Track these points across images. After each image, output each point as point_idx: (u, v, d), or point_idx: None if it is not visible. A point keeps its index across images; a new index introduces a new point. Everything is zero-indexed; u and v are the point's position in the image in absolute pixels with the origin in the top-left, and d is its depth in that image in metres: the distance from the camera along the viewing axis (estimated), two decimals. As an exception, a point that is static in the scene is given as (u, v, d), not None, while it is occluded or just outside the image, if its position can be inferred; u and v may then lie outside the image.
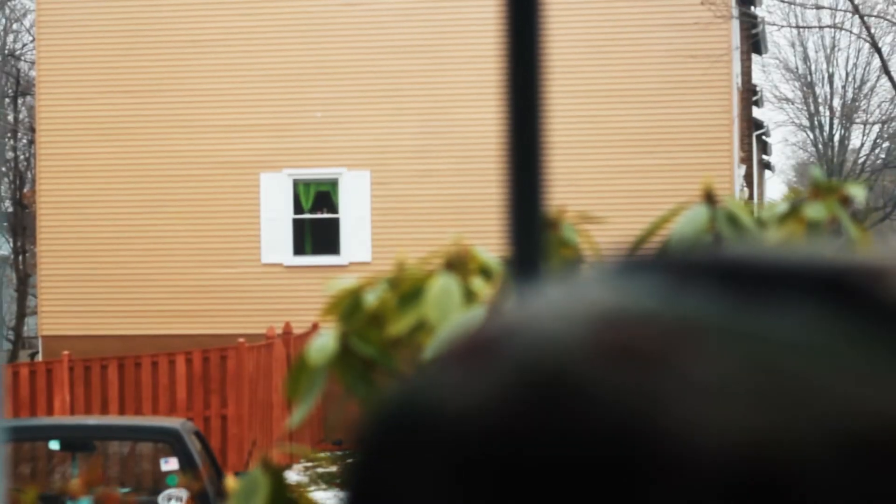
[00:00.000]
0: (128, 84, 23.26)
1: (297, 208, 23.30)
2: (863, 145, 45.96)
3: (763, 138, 38.38)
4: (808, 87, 46.21)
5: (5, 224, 34.27)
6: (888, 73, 27.12)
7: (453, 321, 2.11)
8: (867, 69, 44.05)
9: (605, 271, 0.49)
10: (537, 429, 0.44)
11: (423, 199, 22.54)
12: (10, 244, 34.71)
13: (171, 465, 11.34)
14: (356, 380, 2.18)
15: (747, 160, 29.81)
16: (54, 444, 11.79)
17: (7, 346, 31.93)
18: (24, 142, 35.15)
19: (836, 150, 45.26)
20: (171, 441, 11.41)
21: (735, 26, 23.87)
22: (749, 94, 31.36)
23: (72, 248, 23.27)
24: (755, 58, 34.97)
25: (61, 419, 14.56)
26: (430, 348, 2.11)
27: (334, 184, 23.18)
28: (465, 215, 21.54)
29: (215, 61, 23.11)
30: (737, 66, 24.16)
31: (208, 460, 11.63)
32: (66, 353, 17.93)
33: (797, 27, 37.53)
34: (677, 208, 2.28)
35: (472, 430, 0.45)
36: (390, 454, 0.47)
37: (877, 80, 43.46)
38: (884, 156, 45.17)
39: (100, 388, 17.63)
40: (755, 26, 29.82)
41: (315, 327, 17.64)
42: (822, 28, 37.94)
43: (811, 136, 47.25)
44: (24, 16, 35.66)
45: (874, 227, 40.88)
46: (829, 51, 45.48)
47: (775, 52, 50.67)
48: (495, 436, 0.45)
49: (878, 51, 28.43)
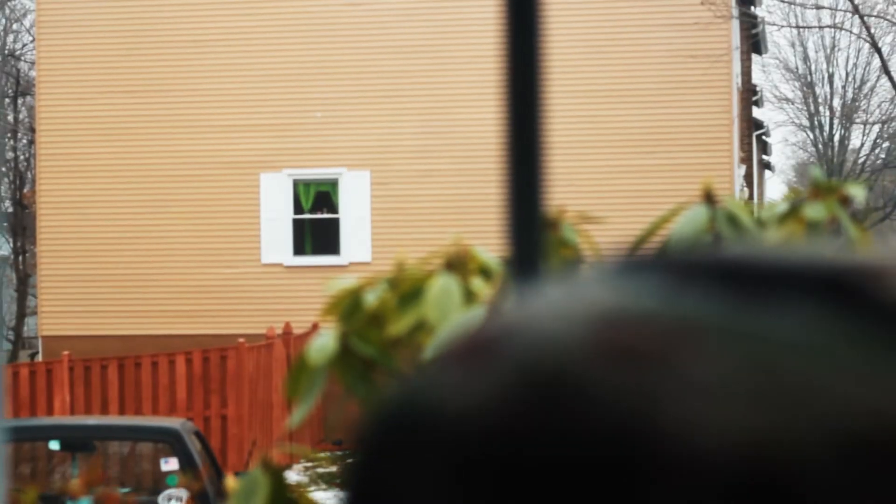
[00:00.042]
0: (128, 84, 23.26)
1: (297, 208, 23.30)
2: (863, 145, 45.97)
3: (763, 138, 38.38)
4: (808, 87, 46.22)
5: (5, 224, 34.27)
6: (888, 73, 27.12)
7: (453, 321, 2.11)
8: (867, 69, 44.07)
9: (605, 271, 0.49)
10: (537, 429, 0.44)
11: (423, 200, 22.54)
12: (10, 244, 34.70)
13: (171, 465, 11.34)
14: (356, 380, 2.18)
15: (747, 160, 29.80)
16: (54, 445, 11.79)
17: (7, 346, 31.92)
18: (24, 142, 35.16)
19: (836, 150, 45.26)
20: (171, 441, 11.41)
21: (735, 26, 23.87)
22: (749, 94, 31.36)
23: (72, 249, 23.27)
24: (755, 58, 34.97)
25: (61, 419, 14.56)
26: (430, 348, 2.11)
27: (334, 184, 23.19)
28: (465, 215, 21.54)
29: (215, 61, 23.11)
30: (737, 66, 24.16)
31: (208, 460, 11.63)
32: (66, 353, 17.92)
33: (797, 27, 37.54)
34: (677, 208, 2.29)
35: (472, 430, 0.45)
36: (390, 454, 0.47)
37: (877, 80, 43.47)
38: (884, 156, 45.17)
39: (100, 388, 17.63)
40: (755, 26, 29.82)
41: (315, 327, 17.64)
42: (822, 28, 37.95)
43: (811, 136, 47.27)
44: (24, 16, 35.67)
45: (874, 227, 40.87)
46: (829, 51, 45.50)
47: (775, 52, 50.69)
48: (495, 436, 0.45)
49: (878, 51, 28.44)
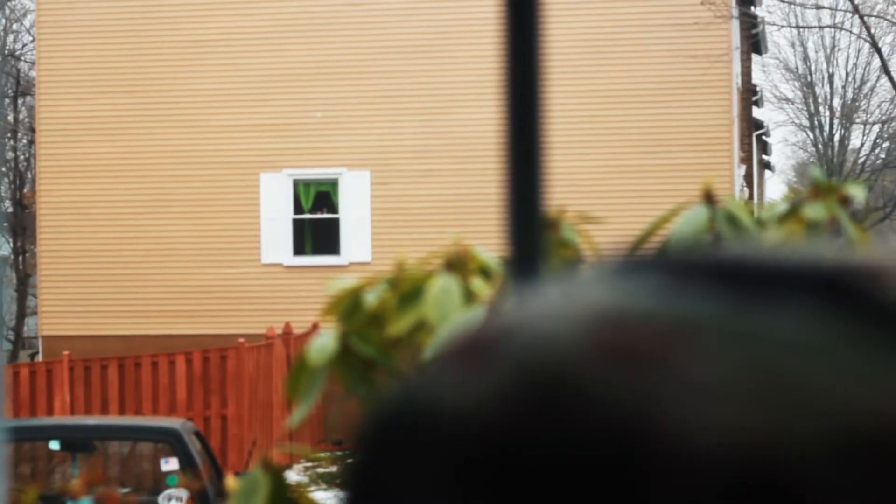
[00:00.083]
0: (128, 84, 23.26)
1: (297, 208, 23.30)
2: (863, 145, 45.96)
3: (763, 138, 38.37)
4: (808, 87, 46.21)
5: (5, 224, 34.26)
6: (888, 73, 27.12)
7: (453, 321, 2.11)
8: (867, 69, 44.06)
9: (605, 271, 0.49)
10: (537, 429, 0.44)
11: (423, 200, 22.53)
12: (10, 244, 34.70)
13: (171, 465, 11.34)
14: (356, 380, 2.18)
15: (747, 160, 29.80)
16: (54, 445, 11.79)
17: (7, 346, 31.92)
18: (24, 142, 35.16)
19: (836, 150, 45.25)
20: (171, 441, 11.41)
21: (735, 26, 23.87)
22: (749, 94, 31.35)
23: (72, 249, 23.27)
24: (755, 58, 34.96)
25: (61, 419, 14.56)
26: (430, 348, 2.11)
27: (334, 184, 23.18)
28: (465, 215, 21.54)
29: (216, 61, 23.11)
30: (737, 66, 24.15)
31: (208, 460, 11.63)
32: (66, 353, 17.92)
33: (797, 27, 37.53)
34: (677, 208, 2.29)
35: (471, 430, 0.45)
36: (390, 454, 0.47)
37: (877, 80, 43.46)
38: (884, 156, 45.16)
39: (100, 388, 17.62)
40: (755, 26, 29.81)
41: (315, 327, 17.64)
42: (822, 28, 37.94)
43: (811, 136, 47.26)
44: (24, 16, 35.65)
45: (874, 227, 40.87)
46: (829, 51, 45.49)
47: (775, 52, 50.67)
48: (495, 436, 0.45)
49: (878, 51, 28.43)
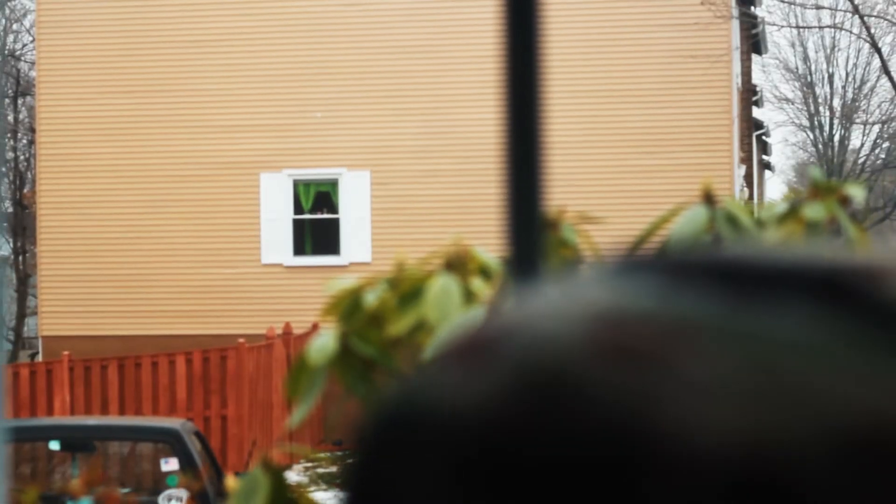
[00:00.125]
0: (128, 84, 23.26)
1: (297, 208, 23.30)
2: (863, 145, 45.97)
3: (763, 138, 38.36)
4: (808, 87, 46.21)
5: (5, 224, 34.26)
6: (888, 73, 27.12)
7: (453, 321, 2.11)
8: (867, 69, 44.07)
9: (605, 271, 0.49)
10: (537, 428, 0.44)
11: (423, 200, 22.54)
12: (11, 244, 34.70)
13: (171, 465, 11.34)
14: (356, 380, 2.18)
15: (747, 160, 29.79)
16: (54, 445, 11.79)
17: (7, 346, 31.91)
18: (24, 142, 35.15)
19: (836, 150, 45.26)
20: (171, 441, 11.41)
21: (735, 26, 23.87)
22: (749, 95, 31.35)
23: (72, 249, 23.27)
24: (755, 58, 34.96)
25: (61, 419, 14.55)
26: (430, 348, 2.11)
27: (334, 184, 23.18)
28: (465, 216, 21.54)
29: (216, 61, 23.11)
30: (737, 67, 24.15)
31: (208, 460, 11.63)
32: (66, 353, 17.91)
33: (797, 27, 37.53)
34: (677, 209, 2.29)
35: (471, 430, 0.45)
36: (390, 454, 0.47)
37: (877, 81, 43.47)
38: (884, 156, 45.17)
39: (100, 388, 17.62)
40: (755, 26, 29.81)
41: (315, 327, 17.64)
42: (822, 28, 37.94)
43: (811, 137, 47.26)
44: (24, 16, 35.65)
45: (874, 228, 40.87)
46: (829, 51, 45.49)
47: (775, 53, 50.68)
48: (495, 435, 0.45)
49: (878, 51, 28.44)
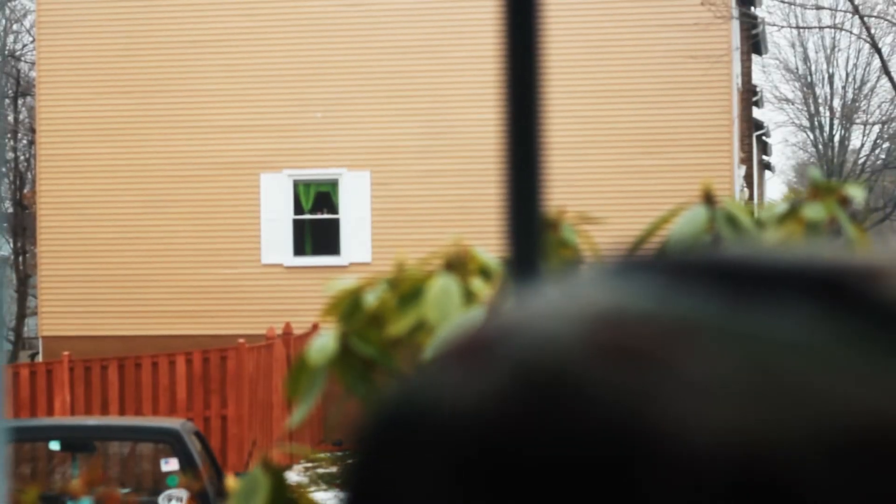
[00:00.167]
0: (128, 84, 23.26)
1: (298, 209, 23.30)
2: (863, 146, 45.97)
3: (763, 139, 38.37)
4: (808, 87, 46.21)
5: (5, 225, 34.26)
6: (888, 73, 27.12)
7: (453, 321, 2.11)
8: (867, 70, 44.06)
9: (604, 271, 0.49)
10: (536, 428, 0.44)
11: (423, 200, 22.53)
12: (10, 245, 34.70)
13: (171, 465, 11.34)
14: (356, 380, 2.18)
15: (747, 161, 29.79)
16: (55, 445, 11.79)
17: (7, 346, 31.91)
18: (24, 142, 35.16)
19: (836, 150, 45.26)
20: (171, 441, 11.41)
21: (735, 27, 23.86)
22: (749, 95, 31.35)
23: (72, 249, 23.27)
24: (755, 58, 34.96)
25: (61, 420, 14.55)
26: (430, 348, 2.11)
27: (334, 184, 23.18)
28: (464, 216, 21.54)
29: (216, 62, 23.10)
30: (737, 67, 24.15)
31: (208, 460, 11.63)
32: (66, 353, 17.92)
33: (797, 28, 37.52)
34: (677, 209, 2.29)
35: (471, 430, 0.45)
36: (390, 454, 0.48)
37: (877, 81, 43.47)
38: (884, 156, 45.17)
39: (100, 388, 17.62)
40: (755, 27, 29.81)
41: (315, 328, 17.64)
42: (822, 28, 37.94)
43: (811, 137, 47.26)
44: (24, 16, 35.64)
45: (874, 228, 40.87)
46: (829, 51, 45.49)
47: (775, 53, 50.69)
48: (495, 435, 0.45)
49: (878, 51, 28.44)
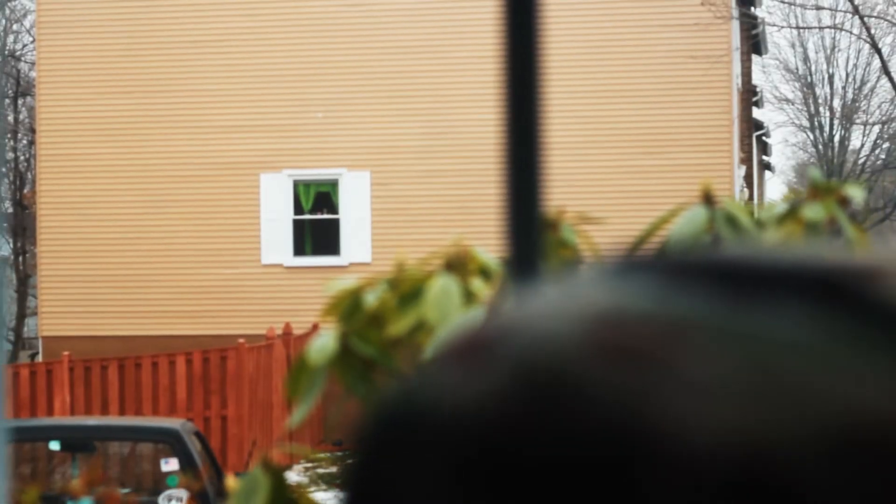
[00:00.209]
0: (128, 84, 23.25)
1: (298, 209, 23.29)
2: (863, 146, 45.96)
3: (763, 139, 38.35)
4: (808, 87, 46.20)
5: (5, 225, 34.25)
6: (888, 73, 27.12)
7: (453, 321, 2.11)
8: (867, 70, 44.05)
9: (604, 271, 0.49)
10: (536, 428, 0.44)
11: (423, 200, 22.53)
12: (10, 245, 34.69)
13: (171, 465, 11.34)
14: (356, 380, 2.18)
15: (747, 161, 29.78)
16: (55, 445, 11.78)
17: (7, 346, 31.90)
18: (24, 142, 35.15)
19: (836, 150, 45.25)
20: (171, 441, 11.41)
21: (735, 27, 23.86)
22: (749, 95, 31.34)
23: (72, 249, 23.26)
24: (755, 58, 34.95)
25: (61, 420, 14.55)
26: (430, 348, 2.11)
27: (334, 184, 23.17)
28: (464, 216, 21.53)
29: (216, 62, 23.10)
30: (737, 67, 24.14)
31: (208, 461, 11.62)
32: (66, 353, 17.91)
33: (797, 28, 37.50)
34: (676, 209, 2.29)
35: (471, 430, 0.45)
36: (390, 454, 0.48)
37: (877, 81, 43.45)
38: (884, 156, 45.16)
39: (100, 388, 17.62)
40: (755, 27, 29.80)
41: (315, 328, 17.63)
42: (822, 29, 37.94)
43: (811, 137, 47.25)
44: (24, 16, 35.64)
45: (874, 228, 40.86)
46: (829, 51, 45.48)
47: (775, 53, 50.70)
48: (494, 435, 0.45)
49: (878, 51, 28.43)
